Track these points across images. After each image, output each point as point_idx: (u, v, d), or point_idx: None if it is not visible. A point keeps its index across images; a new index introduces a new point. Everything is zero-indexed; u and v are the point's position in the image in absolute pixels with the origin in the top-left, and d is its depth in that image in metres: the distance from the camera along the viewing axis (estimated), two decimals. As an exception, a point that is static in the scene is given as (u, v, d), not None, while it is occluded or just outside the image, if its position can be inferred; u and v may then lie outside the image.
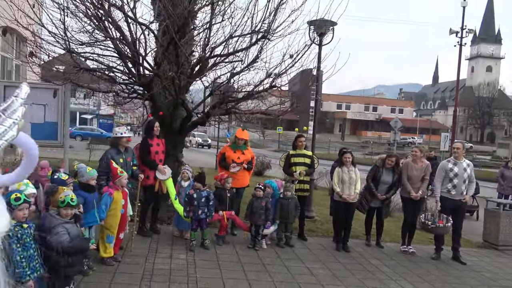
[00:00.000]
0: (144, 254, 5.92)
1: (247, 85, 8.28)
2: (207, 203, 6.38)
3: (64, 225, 3.71)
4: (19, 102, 1.71)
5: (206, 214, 6.37)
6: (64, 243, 3.63)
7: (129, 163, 6.06)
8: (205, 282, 5.13)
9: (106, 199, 5.17)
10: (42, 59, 7.80)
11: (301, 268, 6.02)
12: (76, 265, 3.77)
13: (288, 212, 6.91)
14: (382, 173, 7.44)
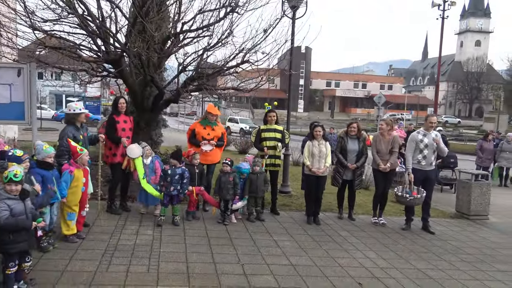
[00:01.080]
0: (110, 231, 5.93)
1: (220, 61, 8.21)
2: (181, 180, 6.37)
3: (6, 201, 3.67)
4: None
5: (178, 191, 6.37)
6: (1, 219, 3.59)
7: (87, 138, 6.01)
8: (168, 256, 5.16)
9: (66, 176, 5.13)
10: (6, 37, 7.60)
11: (267, 241, 6.08)
12: (20, 242, 3.73)
13: (257, 187, 6.94)
14: (347, 142, 7.48)
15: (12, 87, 7.03)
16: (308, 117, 68.41)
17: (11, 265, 3.77)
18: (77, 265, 4.68)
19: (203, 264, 5.01)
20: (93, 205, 6.96)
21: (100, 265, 4.74)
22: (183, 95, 8.16)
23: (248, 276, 4.78)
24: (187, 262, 5.04)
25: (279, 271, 5.01)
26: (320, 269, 5.20)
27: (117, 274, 4.54)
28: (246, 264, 5.15)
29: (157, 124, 10.75)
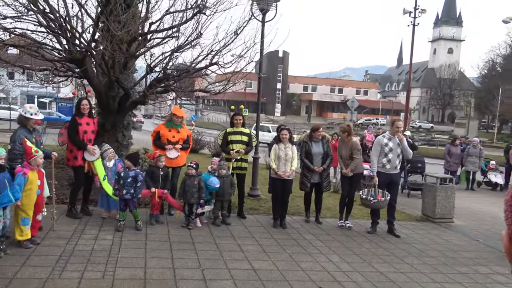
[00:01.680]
0: (68, 236, 5.73)
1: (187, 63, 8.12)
2: (134, 183, 6.21)
3: None
4: None
5: (131, 195, 6.20)
6: None
7: (39, 142, 5.81)
8: (126, 261, 5.02)
9: (20, 179, 4.93)
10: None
11: (231, 245, 6.01)
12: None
13: (224, 190, 6.86)
14: (312, 146, 7.50)
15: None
16: (285, 121, 68.70)
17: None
18: (28, 272, 4.49)
19: (161, 270, 4.89)
20: (53, 209, 6.78)
21: (52, 271, 4.57)
22: (149, 96, 7.99)
23: (207, 281, 4.69)
24: (145, 267, 4.91)
25: (239, 276, 4.94)
26: (282, 273, 5.15)
27: (69, 281, 4.37)
28: (207, 269, 5.05)
29: (127, 126, 10.54)
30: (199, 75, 8.59)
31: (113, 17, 6.78)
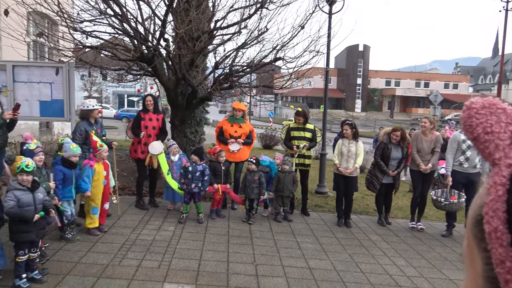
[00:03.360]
0: (133, 225, 6.04)
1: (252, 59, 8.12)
2: (201, 177, 6.37)
3: (14, 191, 3.82)
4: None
5: (199, 188, 6.37)
6: (5, 208, 3.75)
7: (100, 134, 6.16)
8: (182, 253, 5.15)
9: (87, 171, 5.29)
10: (50, 39, 8.03)
11: (290, 242, 5.89)
12: (28, 233, 3.87)
13: (284, 186, 6.76)
14: (391, 150, 7.03)
15: (53, 86, 7.40)
16: (366, 117, 66.53)
17: (21, 253, 3.92)
18: (92, 258, 4.79)
19: (215, 263, 4.93)
20: (124, 200, 7.20)
21: (114, 258, 4.83)
22: (215, 93, 8.13)
23: (259, 277, 4.64)
24: (200, 259, 4.99)
25: (293, 274, 4.81)
26: (339, 274, 4.92)
27: (127, 268, 4.58)
28: (261, 264, 5.00)
29: (199, 122, 10.86)
30: (264, 70, 8.57)
31: (179, 16, 7.00)
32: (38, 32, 7.93)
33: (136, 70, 8.76)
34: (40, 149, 4.52)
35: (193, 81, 7.82)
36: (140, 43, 7.37)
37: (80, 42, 7.46)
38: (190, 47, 7.34)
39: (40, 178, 4.29)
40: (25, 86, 7.34)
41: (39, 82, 7.40)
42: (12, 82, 7.26)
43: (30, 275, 4.06)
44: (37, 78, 7.40)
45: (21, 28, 7.49)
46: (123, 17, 7.10)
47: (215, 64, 7.84)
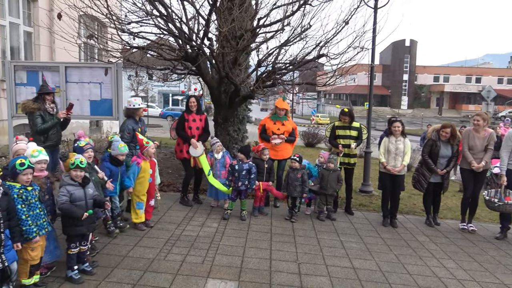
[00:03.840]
0: (178, 221, 6.17)
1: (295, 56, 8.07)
2: (248, 175, 6.41)
3: (67, 187, 3.99)
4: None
5: (246, 186, 6.41)
6: (59, 203, 3.92)
7: (144, 131, 6.31)
8: (226, 249, 5.19)
9: (134, 168, 5.46)
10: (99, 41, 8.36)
11: (333, 241, 5.80)
12: (79, 226, 4.04)
13: (328, 184, 6.67)
14: (440, 147, 6.75)
15: (102, 85, 7.68)
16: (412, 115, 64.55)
17: (73, 246, 4.10)
18: (139, 252, 4.94)
19: (258, 260, 4.94)
20: (170, 196, 7.38)
21: (159, 253, 4.95)
22: (258, 91, 8.14)
23: (302, 276, 4.60)
24: (243, 256, 5.02)
25: (337, 273, 4.73)
26: (384, 275, 4.79)
27: (172, 263, 4.68)
28: (304, 263, 4.95)
29: (242, 120, 10.93)
30: (307, 67, 8.49)
31: (222, 15, 7.07)
32: (88, 34, 8.27)
33: (181, 70, 8.94)
34: (89, 146, 4.71)
35: (236, 79, 7.87)
36: (184, 43, 7.52)
37: (127, 43, 7.71)
38: (233, 45, 7.39)
39: (91, 174, 4.47)
40: (76, 86, 7.67)
41: (90, 82, 7.71)
42: (64, 83, 7.60)
43: (81, 267, 4.24)
44: (88, 78, 7.70)
45: (73, 30, 7.85)
46: (168, 18, 7.25)
47: (257, 62, 7.85)
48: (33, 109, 5.48)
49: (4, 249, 3.39)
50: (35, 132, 5.53)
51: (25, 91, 7.68)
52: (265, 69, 8.00)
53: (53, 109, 5.69)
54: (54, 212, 4.18)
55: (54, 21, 8.54)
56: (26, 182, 3.65)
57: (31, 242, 3.66)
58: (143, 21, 7.45)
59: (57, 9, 7.75)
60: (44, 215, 3.79)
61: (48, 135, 5.62)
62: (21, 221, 3.58)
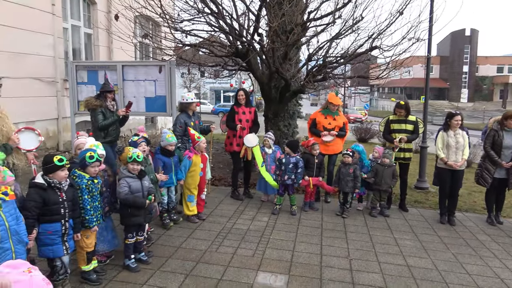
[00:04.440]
0: (229, 215, 6.26)
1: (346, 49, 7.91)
2: (295, 169, 6.39)
3: (126, 179, 4.19)
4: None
5: (292, 180, 6.40)
6: (121, 194, 4.12)
7: (197, 126, 6.43)
8: (276, 243, 5.21)
9: (185, 162, 5.61)
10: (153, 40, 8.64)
11: (386, 238, 5.64)
12: (137, 216, 4.22)
13: (382, 179, 6.49)
14: (502, 137, 6.37)
15: (157, 83, 7.95)
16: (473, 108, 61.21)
17: (130, 236, 4.29)
18: (192, 243, 5.08)
19: (308, 255, 4.91)
20: (221, 190, 7.51)
21: (211, 245, 5.06)
22: (308, 85, 8.07)
23: (354, 272, 4.52)
24: (293, 251, 5.01)
25: (390, 271, 4.60)
26: (441, 274, 4.59)
27: (224, 255, 4.77)
28: (355, 259, 4.86)
29: (292, 115, 10.89)
30: (359, 60, 8.28)
31: (272, 10, 7.06)
32: (143, 33, 8.57)
33: (232, 66, 9.05)
34: (142, 140, 4.89)
35: (286, 74, 7.85)
36: (235, 39, 7.60)
37: (180, 41, 7.91)
38: (283, 40, 7.37)
39: (146, 167, 4.64)
40: (133, 84, 7.99)
41: (145, 80, 8.00)
42: (121, 81, 7.95)
43: (137, 256, 4.43)
44: (143, 76, 8.00)
45: (129, 31, 8.17)
46: (219, 15, 7.36)
47: (308, 56, 7.77)
48: (95, 106, 5.75)
49: (68, 237, 3.62)
50: (97, 128, 5.81)
51: (86, 90, 8.13)
52: (315, 63, 7.91)
53: (113, 106, 5.94)
54: (112, 203, 4.39)
55: (112, 22, 8.95)
56: (93, 174, 3.87)
57: (87, 230, 3.88)
58: (195, 19, 7.62)
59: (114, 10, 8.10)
60: (100, 208, 4.00)
61: (108, 131, 5.88)
62: (85, 211, 3.81)
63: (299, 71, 8.71)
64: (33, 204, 3.36)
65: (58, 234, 3.52)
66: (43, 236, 3.47)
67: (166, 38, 8.04)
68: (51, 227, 3.48)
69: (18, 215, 3.08)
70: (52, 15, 9.65)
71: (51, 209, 3.46)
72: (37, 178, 3.48)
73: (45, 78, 9.62)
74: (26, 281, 1.44)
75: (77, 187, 3.79)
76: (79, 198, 3.80)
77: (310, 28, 7.85)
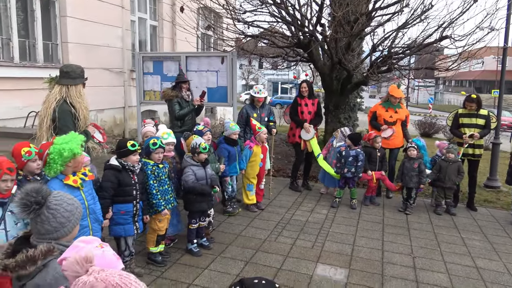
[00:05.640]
0: (288, 206, 6.26)
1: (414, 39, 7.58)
2: (355, 162, 6.25)
3: (192, 167, 4.31)
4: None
5: (352, 174, 6.27)
6: (188, 182, 4.24)
7: (263, 118, 6.43)
8: (335, 236, 5.14)
9: (246, 151, 5.67)
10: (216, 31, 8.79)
11: (452, 238, 5.37)
12: (201, 203, 4.34)
13: (446, 176, 6.18)
14: None
15: (219, 73, 8.08)
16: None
17: (193, 221, 4.42)
18: (251, 232, 5.14)
19: (369, 250, 4.80)
20: (279, 181, 7.53)
21: (270, 235, 5.09)
22: (372, 76, 7.83)
23: (417, 270, 4.35)
24: (353, 245, 4.92)
25: (457, 271, 4.39)
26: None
27: (283, 245, 4.79)
28: (419, 257, 4.68)
29: (353, 107, 10.65)
30: (427, 51, 7.90)
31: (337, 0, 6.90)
32: (207, 25, 8.73)
33: (293, 57, 8.99)
34: (207, 129, 5.00)
35: (349, 65, 7.67)
36: (297, 29, 7.53)
37: (242, 32, 7.97)
38: (347, 30, 7.19)
39: (209, 156, 4.75)
40: (196, 74, 8.17)
41: (207, 70, 8.15)
42: (185, 71, 8.15)
43: (200, 241, 4.57)
44: (205, 67, 8.15)
45: (193, 22, 8.36)
46: (281, 5, 7.32)
47: (372, 46, 7.53)
48: (171, 97, 5.91)
49: (138, 218, 3.81)
50: (174, 118, 5.99)
51: (151, 80, 8.45)
52: (380, 53, 7.65)
53: (188, 96, 6.05)
54: (178, 190, 4.54)
55: (176, 14, 9.20)
56: (157, 160, 4.03)
57: (159, 214, 4.04)
58: (257, 9, 7.63)
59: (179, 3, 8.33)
60: (171, 191, 4.16)
61: (184, 121, 5.93)
62: (152, 195, 3.98)
63: (362, 62, 8.48)
64: (109, 184, 3.57)
65: (130, 214, 3.73)
66: (116, 216, 3.68)
67: (228, 29, 8.14)
68: (124, 208, 3.69)
69: (94, 195, 3.28)
70: (121, 8, 10.08)
71: (125, 190, 3.66)
72: (111, 160, 3.69)
73: (114, 69, 10.09)
74: (99, 255, 1.50)
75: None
76: (146, 183, 3.98)
77: (376, 18, 7.60)
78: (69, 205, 1.90)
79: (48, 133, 4.03)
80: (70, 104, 4.09)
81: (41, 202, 1.83)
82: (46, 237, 1.84)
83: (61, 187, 2.93)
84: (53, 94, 4.10)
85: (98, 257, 1.45)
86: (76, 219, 1.93)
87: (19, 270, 1.69)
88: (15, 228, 2.87)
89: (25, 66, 7.58)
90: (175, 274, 4.03)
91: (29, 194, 1.81)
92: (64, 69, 4.21)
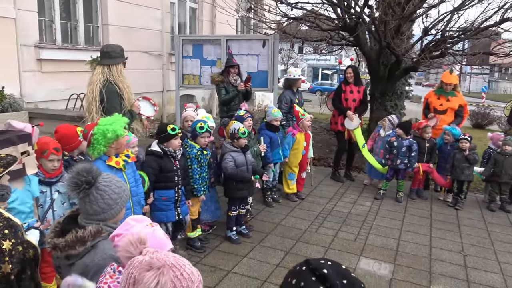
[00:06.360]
0: (329, 196, 6.06)
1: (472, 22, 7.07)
2: (408, 152, 5.92)
3: (231, 153, 4.20)
4: None
5: (405, 165, 5.94)
6: (228, 169, 4.13)
7: (301, 103, 6.20)
8: (379, 230, 4.91)
9: (289, 138, 5.49)
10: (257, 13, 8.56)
11: (508, 236, 5.00)
12: (241, 190, 4.23)
13: (503, 170, 5.76)
14: None
15: (259, 57, 7.89)
16: None
17: (233, 208, 4.33)
18: (291, 222, 5.00)
19: (416, 245, 4.54)
20: (320, 171, 7.32)
21: (311, 225, 4.93)
22: (424, 62, 7.38)
23: (468, 269, 4.07)
24: (399, 239, 4.68)
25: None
26: None
27: (324, 237, 4.62)
28: (471, 256, 4.39)
29: (400, 95, 10.17)
30: (485, 35, 7.36)
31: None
32: (248, 7, 8.52)
33: (337, 40, 8.64)
34: (248, 115, 4.85)
35: (397, 49, 7.27)
36: (343, 11, 7.20)
37: (285, 14, 7.71)
38: (398, 12, 6.79)
39: (249, 142, 4.61)
40: (236, 58, 7.99)
41: (247, 54, 7.96)
42: (225, 55, 8.01)
43: (239, 228, 4.48)
44: (246, 50, 7.96)
45: (234, 4, 8.17)
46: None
47: (424, 29, 7.09)
48: (217, 82, 5.82)
49: (180, 203, 3.75)
50: (220, 102, 5.90)
51: (190, 63, 8.36)
52: (433, 37, 7.19)
53: (236, 81, 5.92)
54: (218, 175, 4.45)
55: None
56: (203, 144, 3.97)
57: (195, 199, 3.98)
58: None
59: (222, -16, 8.16)
60: (207, 179, 4.08)
61: (231, 106, 5.80)
62: (194, 180, 3.93)
63: (413, 47, 8.04)
64: (151, 171, 3.53)
65: (172, 201, 3.69)
66: (158, 202, 3.65)
67: (270, 11, 7.90)
68: (166, 194, 3.65)
69: (137, 178, 3.24)
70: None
71: (167, 176, 3.62)
72: (152, 146, 3.63)
73: (153, 52, 10.07)
74: (150, 234, 1.50)
75: (187, 157, 3.89)
76: (189, 167, 3.91)
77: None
78: (117, 188, 1.90)
79: (98, 115, 4.01)
80: (114, 84, 4.05)
81: (91, 182, 1.83)
82: (94, 218, 1.85)
83: (104, 168, 2.93)
84: (96, 75, 4.07)
85: (149, 236, 1.45)
86: (123, 202, 1.93)
87: (68, 250, 1.73)
88: (62, 208, 2.94)
89: (67, 49, 7.67)
90: (214, 261, 3.96)
91: (80, 174, 1.82)
92: (105, 49, 4.17)
